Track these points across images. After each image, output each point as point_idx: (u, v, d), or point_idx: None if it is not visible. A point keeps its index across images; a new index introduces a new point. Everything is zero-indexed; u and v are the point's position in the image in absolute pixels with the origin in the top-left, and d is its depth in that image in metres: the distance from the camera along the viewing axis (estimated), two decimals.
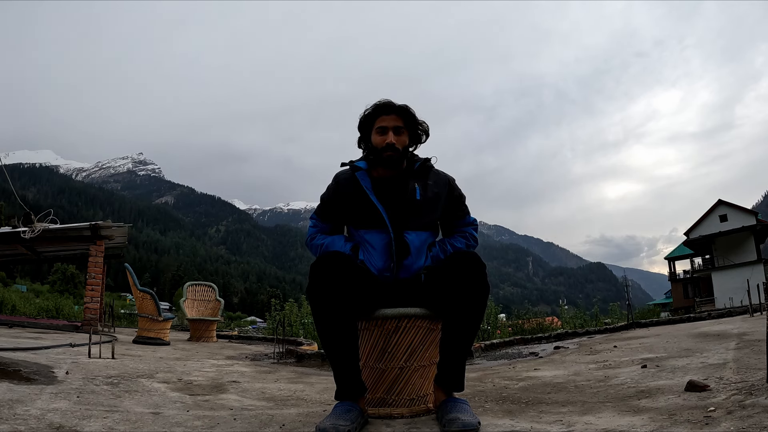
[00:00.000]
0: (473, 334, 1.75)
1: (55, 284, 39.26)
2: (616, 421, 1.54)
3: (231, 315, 51.51)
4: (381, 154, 1.93)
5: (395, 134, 1.94)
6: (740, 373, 2.07)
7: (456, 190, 2.05)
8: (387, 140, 1.92)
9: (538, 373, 2.96)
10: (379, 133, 1.96)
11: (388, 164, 1.94)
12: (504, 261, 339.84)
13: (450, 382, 1.72)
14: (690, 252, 35.16)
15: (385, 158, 1.93)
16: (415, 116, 1.98)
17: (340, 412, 1.63)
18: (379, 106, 1.97)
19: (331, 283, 1.68)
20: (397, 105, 1.98)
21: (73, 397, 2.00)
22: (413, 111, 1.98)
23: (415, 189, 1.93)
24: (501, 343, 5.21)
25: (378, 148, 1.95)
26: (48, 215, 7.93)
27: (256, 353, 5.26)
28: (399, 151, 1.93)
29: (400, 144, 1.94)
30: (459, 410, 1.60)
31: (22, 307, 15.55)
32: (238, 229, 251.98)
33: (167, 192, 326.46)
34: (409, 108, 1.97)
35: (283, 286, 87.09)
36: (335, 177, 2.05)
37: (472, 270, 1.71)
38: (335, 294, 1.68)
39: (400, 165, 1.97)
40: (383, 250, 1.91)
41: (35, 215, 7.76)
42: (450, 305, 1.73)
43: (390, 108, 1.96)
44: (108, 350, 3.68)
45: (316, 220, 2.08)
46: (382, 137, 1.94)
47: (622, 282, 13.34)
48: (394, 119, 1.96)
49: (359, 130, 2.04)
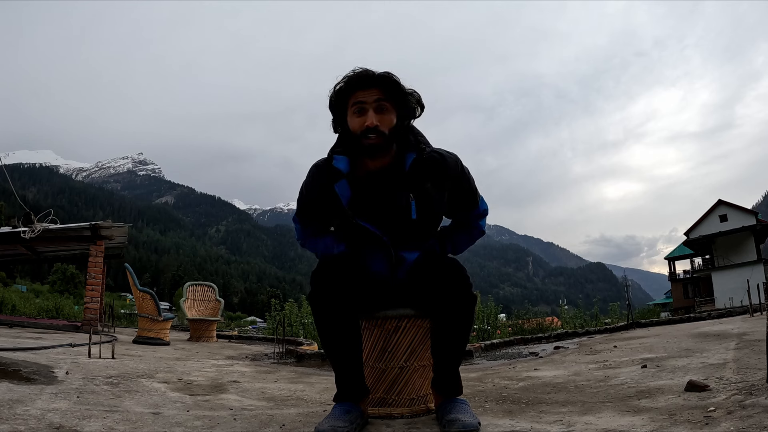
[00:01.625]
0: (460, 341, 1.66)
1: (55, 284, 39.27)
2: (616, 421, 1.54)
3: (231, 315, 51.52)
4: (360, 140, 1.53)
5: (377, 112, 1.52)
6: (740, 373, 2.06)
7: (464, 179, 1.67)
8: (367, 122, 1.50)
9: (538, 373, 2.96)
10: (356, 113, 1.53)
11: (370, 153, 1.54)
12: (504, 261, 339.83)
13: (444, 388, 1.68)
14: (690, 252, 35.17)
15: (366, 146, 1.52)
16: (400, 85, 1.54)
17: (339, 413, 1.56)
18: (354, 77, 1.52)
19: (333, 289, 1.55)
20: (377, 74, 1.52)
21: (73, 397, 2.00)
22: (397, 78, 1.53)
23: (410, 205, 1.56)
24: (501, 343, 5.21)
25: (357, 134, 1.53)
26: (48, 215, 7.94)
27: (256, 353, 5.26)
28: (384, 134, 1.52)
29: (385, 125, 1.52)
30: (459, 411, 1.55)
31: (22, 307, 15.57)
32: (238, 229, 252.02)
33: (167, 192, 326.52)
34: (392, 76, 1.53)
35: (283, 286, 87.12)
36: (312, 168, 1.66)
37: (455, 283, 1.56)
38: (338, 300, 1.56)
39: (387, 152, 1.57)
40: (379, 261, 1.68)
41: (35, 215, 7.76)
42: (435, 314, 1.65)
43: (368, 79, 1.52)
44: (108, 350, 3.68)
45: (300, 225, 1.81)
46: (360, 118, 1.52)
47: (622, 282, 13.34)
48: (375, 93, 1.52)
49: (331, 110, 1.59)
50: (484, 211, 1.81)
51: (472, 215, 1.79)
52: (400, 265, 1.67)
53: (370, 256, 1.68)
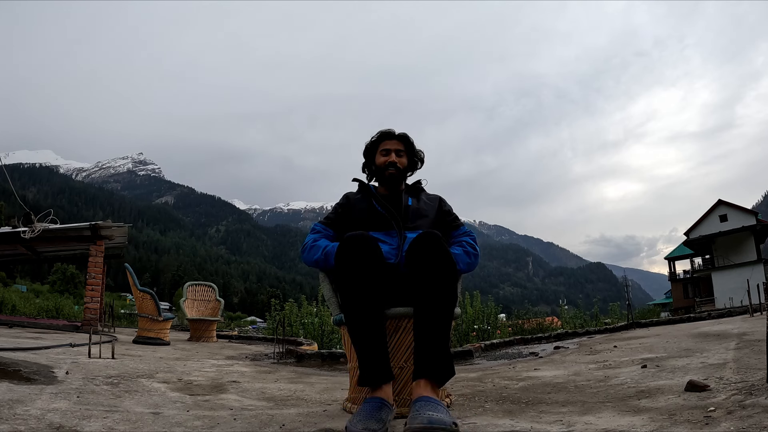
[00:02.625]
0: (445, 312, 1.67)
1: (55, 284, 39.28)
2: (616, 421, 1.54)
3: (231, 315, 51.54)
4: (384, 171, 2.22)
5: (397, 156, 2.24)
6: (740, 373, 2.06)
7: (446, 205, 2.29)
8: (389, 159, 2.22)
9: (538, 373, 2.96)
10: (383, 154, 2.25)
11: (390, 179, 2.22)
12: (504, 261, 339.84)
13: (429, 367, 1.57)
14: (690, 252, 35.17)
15: (387, 176, 2.22)
16: (413, 144, 2.28)
17: (370, 410, 1.47)
18: (384, 133, 2.29)
19: (363, 259, 1.71)
20: (399, 132, 2.29)
21: (73, 397, 2.00)
22: (412, 139, 2.29)
23: (408, 200, 2.21)
24: (501, 343, 5.21)
25: (381, 167, 2.23)
26: (48, 215, 7.94)
27: (256, 353, 5.26)
28: (400, 169, 2.23)
29: (400, 164, 2.24)
30: (431, 408, 1.41)
31: (22, 307, 15.57)
32: (238, 229, 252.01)
33: (167, 192, 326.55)
34: (409, 136, 2.28)
35: (283, 286, 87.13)
36: (345, 195, 2.30)
37: (430, 245, 1.71)
38: (367, 269, 1.70)
39: (399, 183, 2.25)
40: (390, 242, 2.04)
41: (35, 215, 7.76)
42: (418, 284, 1.69)
43: (393, 134, 2.28)
44: (108, 350, 3.68)
45: (320, 228, 2.18)
46: (385, 158, 2.24)
47: (622, 282, 13.35)
48: (396, 143, 2.26)
49: (365, 156, 2.32)
50: (469, 231, 2.22)
51: (458, 233, 2.20)
52: (404, 241, 2.03)
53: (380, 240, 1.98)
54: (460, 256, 2.04)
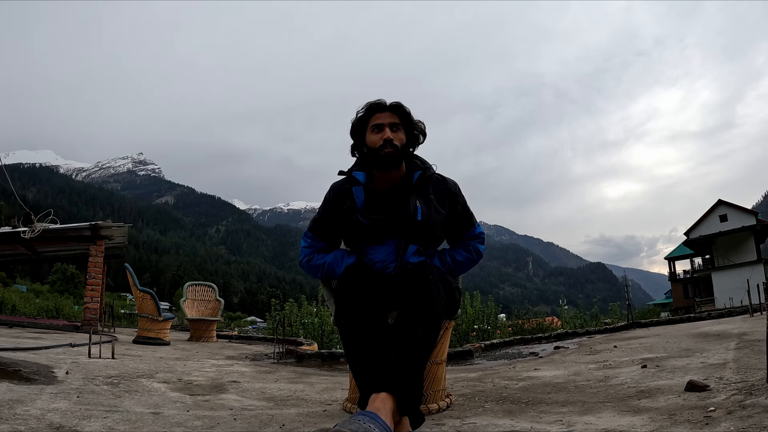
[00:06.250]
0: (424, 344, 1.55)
1: (55, 284, 39.27)
2: (616, 421, 1.54)
3: (231, 315, 51.52)
4: (379, 152, 1.79)
5: (392, 131, 1.82)
6: (740, 373, 2.06)
7: (459, 202, 1.93)
8: (384, 136, 1.79)
9: (538, 373, 2.96)
10: (374, 131, 1.83)
11: (387, 160, 1.79)
12: (504, 261, 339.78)
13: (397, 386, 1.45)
14: (690, 252, 35.16)
15: (383, 156, 1.79)
16: (410, 114, 1.87)
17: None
18: (372, 104, 1.86)
19: (360, 304, 1.62)
20: (391, 102, 1.87)
21: (73, 397, 2.00)
22: (408, 109, 1.87)
23: (416, 207, 1.79)
24: (501, 343, 5.21)
25: (375, 147, 1.81)
26: (48, 215, 7.94)
27: (256, 353, 5.26)
28: (398, 147, 1.80)
29: (398, 141, 1.81)
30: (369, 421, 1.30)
31: (22, 307, 15.57)
32: (238, 229, 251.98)
33: (167, 192, 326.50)
34: (404, 105, 1.86)
35: (283, 286, 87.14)
36: (330, 190, 1.93)
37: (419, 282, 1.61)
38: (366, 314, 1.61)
39: (399, 164, 1.84)
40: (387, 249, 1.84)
41: (35, 215, 7.76)
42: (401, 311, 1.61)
43: (384, 105, 1.86)
44: (108, 350, 3.68)
45: (311, 240, 1.97)
46: (378, 135, 1.81)
47: (622, 282, 13.35)
48: (390, 116, 1.84)
49: (352, 135, 1.91)
50: (481, 233, 2.02)
51: (469, 236, 2.00)
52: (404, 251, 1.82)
53: (378, 252, 1.84)
54: (461, 264, 1.97)
